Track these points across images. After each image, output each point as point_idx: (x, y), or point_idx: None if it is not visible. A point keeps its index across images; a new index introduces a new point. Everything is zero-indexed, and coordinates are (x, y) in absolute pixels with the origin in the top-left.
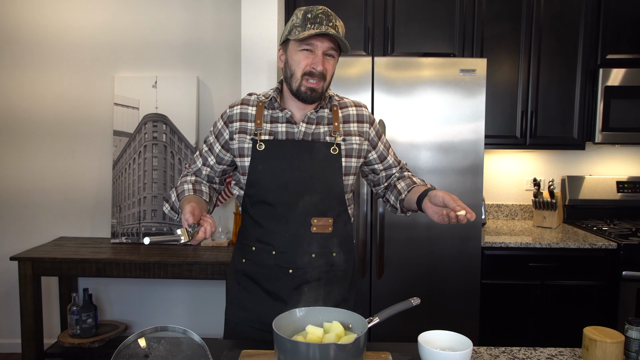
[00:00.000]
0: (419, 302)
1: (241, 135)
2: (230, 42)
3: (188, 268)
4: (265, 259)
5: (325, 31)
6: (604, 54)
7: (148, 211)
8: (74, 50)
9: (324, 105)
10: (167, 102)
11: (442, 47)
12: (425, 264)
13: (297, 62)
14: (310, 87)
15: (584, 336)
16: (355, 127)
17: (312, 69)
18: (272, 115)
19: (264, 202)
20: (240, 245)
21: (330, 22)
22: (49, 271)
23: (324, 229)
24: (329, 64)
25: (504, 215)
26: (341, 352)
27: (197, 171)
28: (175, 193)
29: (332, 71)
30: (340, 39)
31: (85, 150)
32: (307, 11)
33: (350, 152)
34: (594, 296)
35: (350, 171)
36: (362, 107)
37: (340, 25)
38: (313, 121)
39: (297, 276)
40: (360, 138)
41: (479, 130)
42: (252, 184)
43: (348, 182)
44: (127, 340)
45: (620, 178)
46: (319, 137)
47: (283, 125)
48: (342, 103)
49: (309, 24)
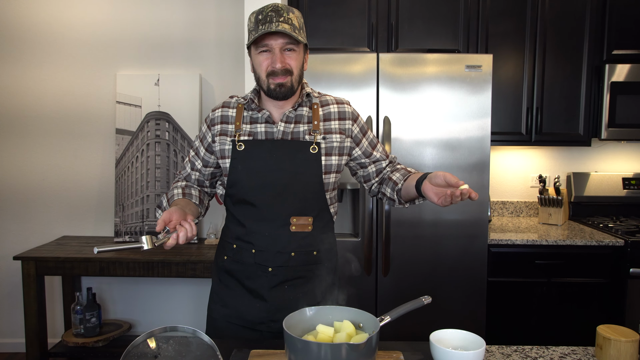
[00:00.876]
0: (430, 300)
1: (222, 137)
2: (232, 39)
3: (192, 267)
4: (245, 257)
5: (268, 30)
6: (610, 49)
7: (151, 210)
8: (76, 48)
9: (303, 104)
10: (169, 100)
11: (446, 44)
12: (431, 262)
13: (259, 64)
14: (277, 83)
15: (598, 335)
16: (337, 125)
17: (273, 68)
18: (251, 116)
19: (244, 202)
20: (222, 243)
21: (281, 17)
22: (52, 270)
23: (303, 227)
24: (290, 59)
25: (509, 213)
26: (353, 352)
27: (187, 176)
28: (166, 198)
29: (298, 64)
30: (288, 33)
31: (88, 149)
32: (259, 12)
33: (331, 150)
34: (600, 294)
35: (331, 169)
36: (345, 104)
37: (294, 17)
38: (292, 120)
39: (276, 274)
40: (342, 136)
41: (485, 127)
42: (232, 184)
43: (329, 180)
44: (136, 340)
45: (626, 174)
46: (299, 136)
47: (262, 126)
48: (324, 100)
49: (260, 25)
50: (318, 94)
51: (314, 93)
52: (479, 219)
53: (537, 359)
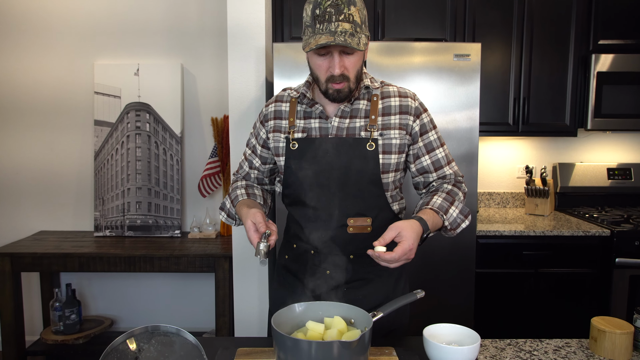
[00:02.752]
0: (423, 294)
1: (275, 134)
2: (215, 27)
3: (175, 261)
4: (305, 258)
5: (328, 43)
6: (596, 39)
7: (132, 203)
8: (51, 36)
9: (361, 96)
10: (150, 91)
11: (434, 33)
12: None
13: (317, 67)
14: (335, 89)
15: (592, 327)
16: (397, 120)
17: (331, 73)
18: (305, 111)
19: (299, 202)
20: (285, 242)
21: (342, 13)
22: (29, 267)
23: (361, 229)
24: (348, 62)
25: (496, 204)
26: (346, 350)
27: (245, 175)
28: (229, 200)
29: (357, 65)
30: (347, 45)
31: (65, 141)
32: (316, 5)
33: (389, 147)
34: (587, 284)
35: (389, 168)
36: (409, 98)
37: (355, 10)
38: (347, 114)
39: (334, 277)
40: (402, 132)
41: (473, 118)
42: (287, 185)
43: (388, 179)
44: (116, 341)
45: (610, 165)
46: (354, 132)
47: (316, 121)
48: (385, 92)
49: (318, 24)
50: (380, 84)
51: (374, 84)
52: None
53: (531, 352)
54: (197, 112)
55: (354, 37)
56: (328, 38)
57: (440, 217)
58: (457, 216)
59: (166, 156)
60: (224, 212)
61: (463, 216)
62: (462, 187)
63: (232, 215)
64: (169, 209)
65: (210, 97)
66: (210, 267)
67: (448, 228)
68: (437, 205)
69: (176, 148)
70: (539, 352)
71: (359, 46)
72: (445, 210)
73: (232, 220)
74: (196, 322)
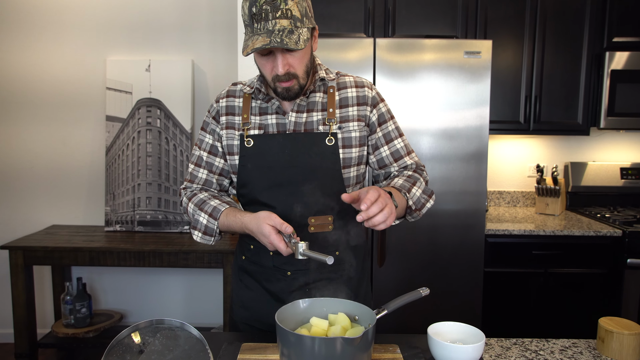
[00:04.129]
0: (428, 292)
1: (229, 131)
2: (226, 24)
3: (184, 257)
4: (263, 260)
5: (263, 46)
6: (610, 36)
7: (142, 198)
8: (65, 32)
9: (317, 89)
10: (161, 87)
11: (444, 30)
12: (427, 252)
13: (262, 66)
14: (284, 87)
15: (600, 327)
16: (355, 112)
17: (276, 73)
18: (260, 107)
19: (257, 202)
20: (241, 242)
21: (279, 10)
22: (41, 260)
23: (322, 227)
24: (293, 59)
25: (506, 203)
26: (349, 346)
27: (205, 183)
28: (203, 214)
29: (304, 61)
30: (285, 47)
31: (77, 136)
32: (252, 3)
33: (350, 141)
34: (597, 284)
35: (350, 162)
36: (365, 87)
37: (293, 5)
38: (303, 109)
39: (296, 278)
40: (360, 123)
41: (483, 116)
42: (242, 184)
43: (350, 174)
44: (120, 335)
45: (624, 164)
46: (312, 127)
47: (273, 117)
48: (341, 83)
49: (255, 23)
50: (335, 75)
51: (329, 75)
52: (476, 209)
53: (537, 352)
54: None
55: (292, 34)
56: (264, 40)
57: (403, 196)
58: (421, 195)
59: (176, 152)
60: (197, 230)
61: (427, 195)
62: (423, 173)
63: (210, 232)
64: (178, 204)
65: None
66: (218, 262)
67: (413, 208)
68: (399, 185)
69: (186, 144)
70: (545, 352)
71: (298, 45)
72: (407, 189)
73: (209, 238)
74: (205, 318)
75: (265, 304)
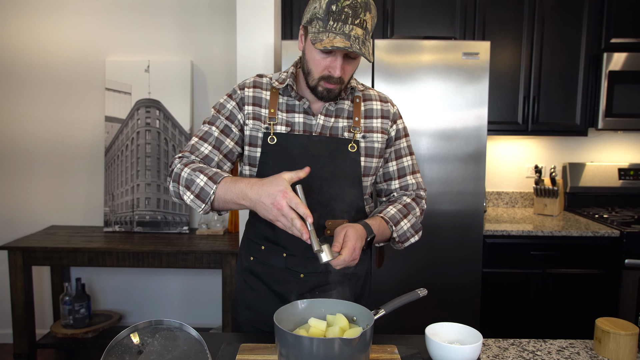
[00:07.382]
0: (425, 292)
1: (255, 122)
2: (225, 24)
3: (183, 257)
4: (274, 261)
5: (345, 47)
6: (608, 37)
7: (142, 199)
8: (64, 31)
9: (345, 97)
10: (160, 87)
11: (443, 31)
12: (425, 252)
13: (314, 61)
14: (327, 88)
15: (596, 328)
16: (379, 124)
17: (330, 74)
18: (287, 103)
19: None
20: (248, 242)
21: (357, 17)
22: (40, 261)
23: None
24: (349, 67)
25: (504, 203)
26: (347, 347)
27: (204, 158)
28: (202, 175)
29: (354, 71)
30: (363, 55)
31: (77, 136)
32: (333, 1)
33: (372, 150)
34: (595, 285)
35: (370, 172)
36: (388, 103)
37: (370, 17)
38: (332, 113)
39: (308, 280)
40: (383, 136)
41: (481, 117)
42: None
43: (367, 182)
44: (119, 335)
45: (622, 165)
46: (337, 132)
47: (300, 116)
48: (367, 94)
49: (332, 21)
50: (362, 87)
51: (358, 86)
52: (474, 210)
53: (534, 352)
54: (207, 108)
55: (364, 44)
56: (344, 42)
57: (389, 228)
58: (408, 230)
59: (175, 153)
60: (189, 191)
61: (414, 231)
62: (421, 202)
63: (205, 196)
64: (177, 205)
65: (219, 94)
66: (217, 263)
67: (396, 240)
68: (389, 216)
69: (185, 144)
70: (542, 353)
71: (369, 56)
72: (396, 222)
73: (200, 203)
74: (204, 318)
75: (272, 305)
